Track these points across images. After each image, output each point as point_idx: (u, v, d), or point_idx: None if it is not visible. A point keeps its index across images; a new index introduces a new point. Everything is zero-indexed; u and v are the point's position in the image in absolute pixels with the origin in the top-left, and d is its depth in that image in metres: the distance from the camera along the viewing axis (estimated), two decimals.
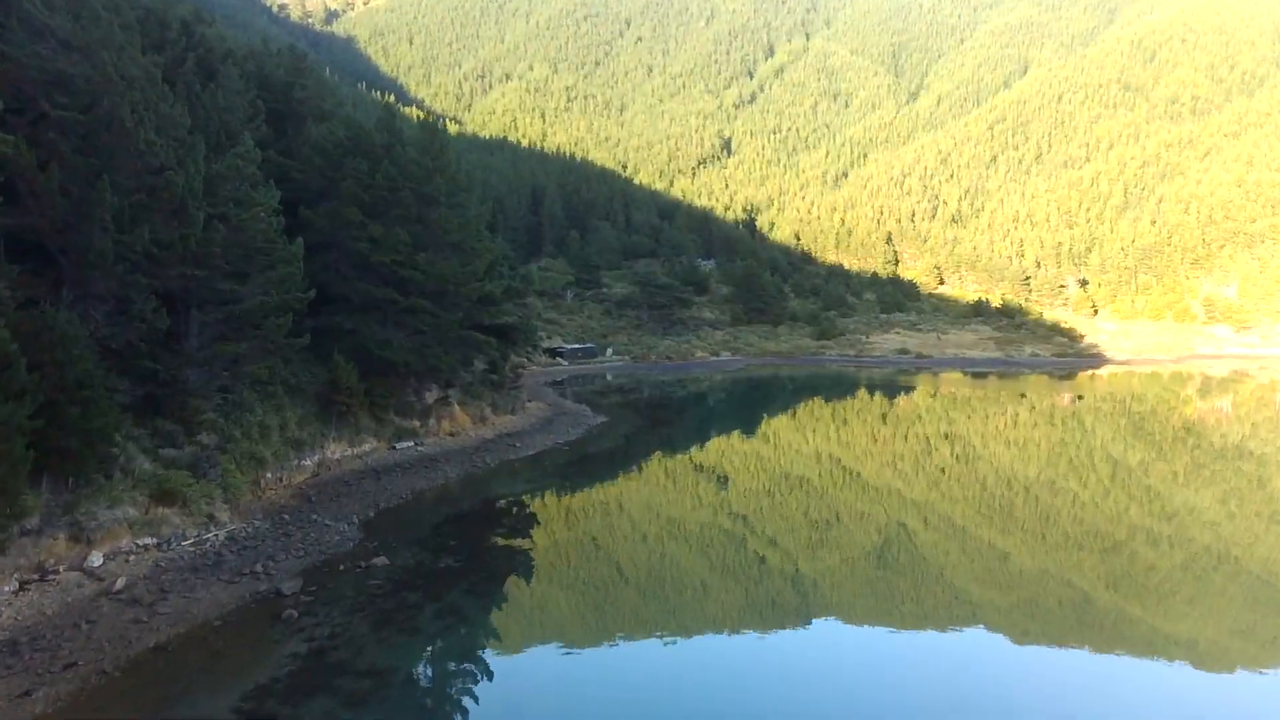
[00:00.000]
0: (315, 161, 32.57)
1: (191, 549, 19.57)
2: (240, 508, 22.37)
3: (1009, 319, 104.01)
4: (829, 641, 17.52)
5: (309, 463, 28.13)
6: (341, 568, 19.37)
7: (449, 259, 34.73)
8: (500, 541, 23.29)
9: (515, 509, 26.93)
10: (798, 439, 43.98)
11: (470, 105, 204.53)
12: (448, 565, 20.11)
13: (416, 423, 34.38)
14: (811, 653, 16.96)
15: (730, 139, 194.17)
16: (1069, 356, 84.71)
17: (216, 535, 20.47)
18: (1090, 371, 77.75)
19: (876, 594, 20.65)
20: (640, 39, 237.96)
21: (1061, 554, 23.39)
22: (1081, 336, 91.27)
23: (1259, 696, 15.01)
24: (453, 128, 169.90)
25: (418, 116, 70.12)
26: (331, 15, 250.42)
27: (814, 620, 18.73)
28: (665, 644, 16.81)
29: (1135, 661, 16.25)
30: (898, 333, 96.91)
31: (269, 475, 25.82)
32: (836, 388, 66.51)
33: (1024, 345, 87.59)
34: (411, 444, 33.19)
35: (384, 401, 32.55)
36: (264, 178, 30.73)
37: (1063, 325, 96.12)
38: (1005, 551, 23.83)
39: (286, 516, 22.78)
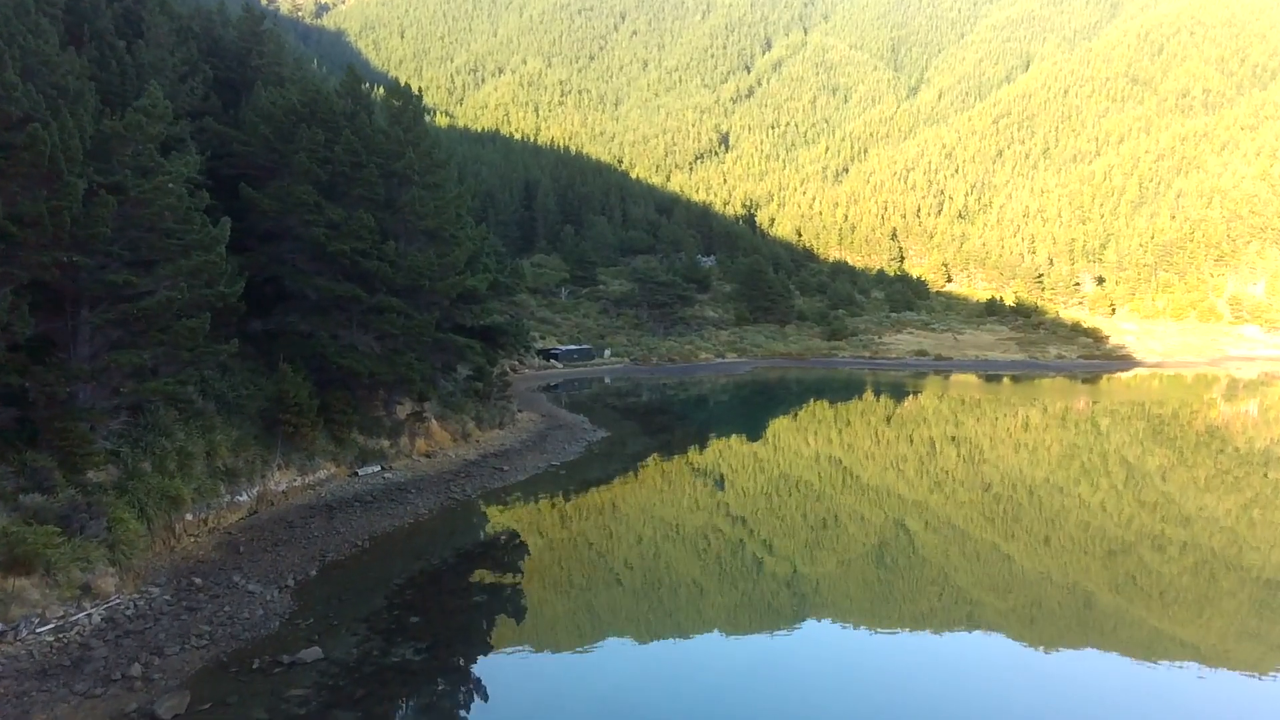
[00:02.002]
0: (261, 131, 27.15)
1: (50, 639, 14.20)
2: (134, 570, 16.97)
3: (1025, 318, 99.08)
4: (828, 644, 16.95)
5: (245, 498, 22.76)
6: (256, 664, 14.00)
7: (424, 249, 29.40)
8: (479, 612, 17.91)
9: (500, 560, 21.53)
10: (847, 457, 38.81)
11: (462, 99, 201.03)
12: (404, 658, 14.70)
13: (385, 442, 28.99)
14: (810, 656, 16.34)
15: (728, 134, 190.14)
16: (1097, 359, 79.60)
17: (90, 616, 15.10)
18: (1118, 374, 72.85)
19: (878, 596, 20.01)
20: (635, 33, 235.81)
21: (1065, 557, 22.45)
22: (1106, 337, 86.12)
23: (1260, 700, 14.41)
24: (443, 120, 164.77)
25: None
26: (321, 9, 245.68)
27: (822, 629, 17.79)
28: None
29: (1135, 664, 15.73)
30: (910, 333, 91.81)
31: (189, 517, 20.46)
32: (861, 393, 61.30)
33: (1047, 346, 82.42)
34: (378, 468, 27.83)
35: (344, 418, 27.16)
36: (194, 149, 25.47)
37: (1084, 325, 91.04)
38: (1007, 554, 22.95)
39: (198, 580, 17.40)
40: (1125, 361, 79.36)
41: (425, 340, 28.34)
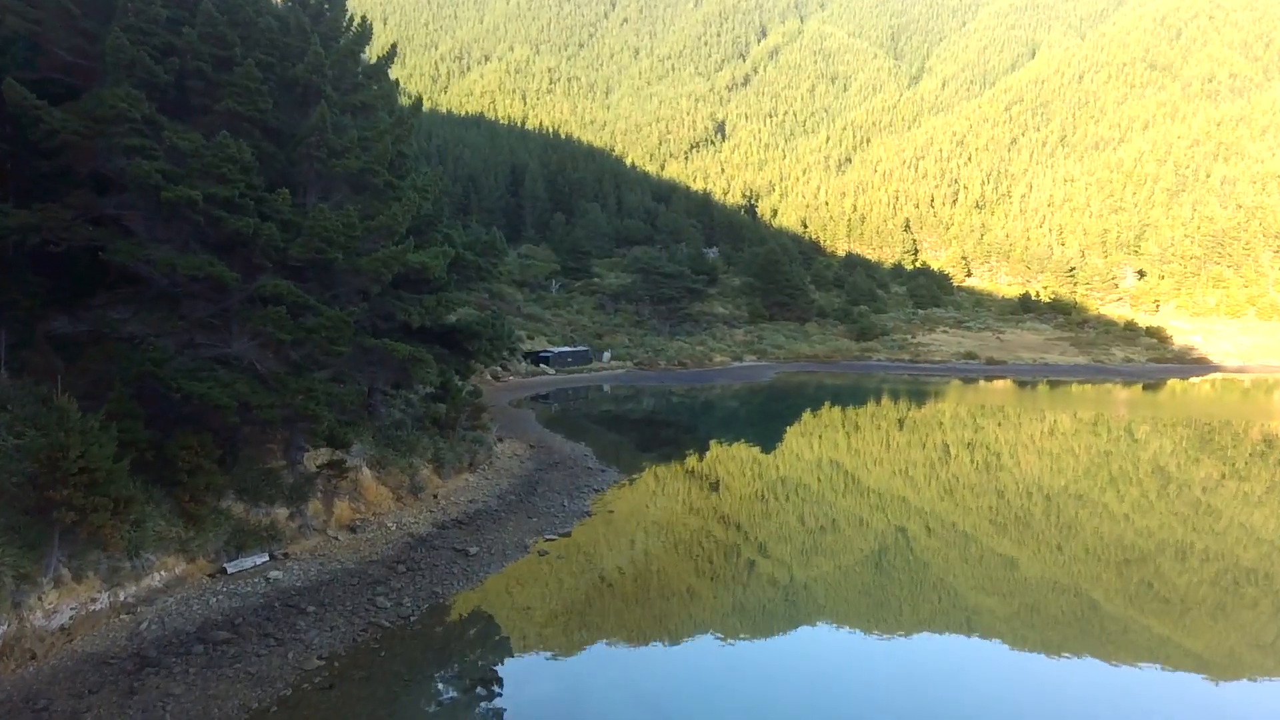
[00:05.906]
0: (62, 4, 16.26)
1: None
2: None
3: (1064, 315, 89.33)
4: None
5: None
6: None
7: (342, 205, 18.58)
8: None
9: None
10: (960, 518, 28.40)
11: (447, 87, 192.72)
12: None
13: (281, 512, 18.15)
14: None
15: (724, 122, 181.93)
16: (1168, 362, 69.67)
17: None
18: (1191, 379, 62.90)
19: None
20: (626, 20, 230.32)
21: (1078, 565, 20.23)
22: (1170, 338, 76.12)
23: (1267, 707, 13.40)
24: (426, 106, 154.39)
25: None
26: None
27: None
28: None
29: (1139, 671, 14.47)
30: (944, 331, 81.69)
31: None
32: (943, 414, 50.68)
33: (1110, 348, 72.36)
34: (263, 559, 17.05)
35: (204, 479, 16.32)
36: None
37: (1139, 324, 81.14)
38: (1014, 560, 20.71)
39: None
40: (1201, 365, 69.35)
41: (340, 349, 17.43)
